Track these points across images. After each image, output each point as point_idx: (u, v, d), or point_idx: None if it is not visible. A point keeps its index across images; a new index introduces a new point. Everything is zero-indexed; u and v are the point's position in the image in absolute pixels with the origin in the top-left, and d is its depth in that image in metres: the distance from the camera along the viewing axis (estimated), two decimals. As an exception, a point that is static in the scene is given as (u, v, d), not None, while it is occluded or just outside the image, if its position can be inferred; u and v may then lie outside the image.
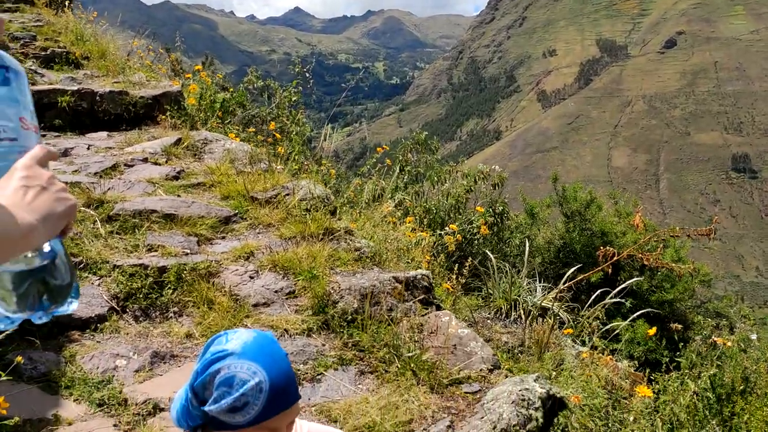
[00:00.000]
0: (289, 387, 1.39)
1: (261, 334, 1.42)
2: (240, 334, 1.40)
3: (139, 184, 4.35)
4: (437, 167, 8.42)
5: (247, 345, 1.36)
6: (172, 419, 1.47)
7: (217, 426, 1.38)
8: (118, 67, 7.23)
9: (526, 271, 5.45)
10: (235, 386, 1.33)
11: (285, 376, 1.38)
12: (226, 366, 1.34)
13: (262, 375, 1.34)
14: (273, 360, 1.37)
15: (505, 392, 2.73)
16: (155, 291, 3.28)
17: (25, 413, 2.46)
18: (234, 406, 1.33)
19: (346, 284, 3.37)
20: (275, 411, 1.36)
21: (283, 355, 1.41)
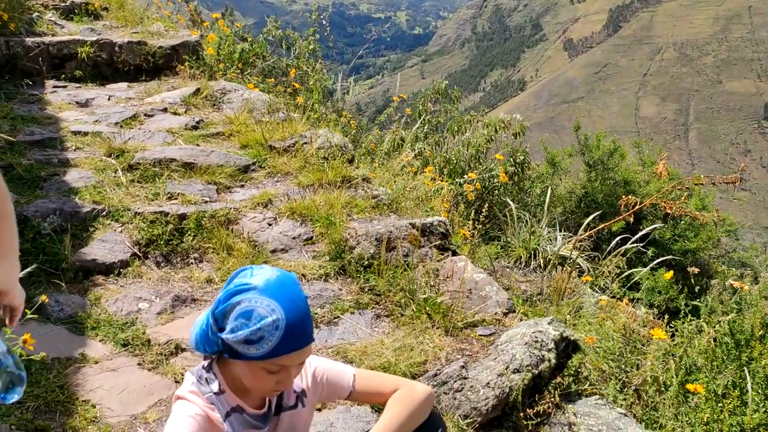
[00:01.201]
0: (304, 328, 1.43)
1: (285, 274, 1.46)
2: (265, 270, 1.44)
3: (159, 134, 4.40)
4: (458, 117, 8.33)
5: (270, 282, 1.41)
6: (191, 342, 1.54)
7: (232, 354, 1.44)
8: (137, 17, 7.20)
9: (546, 220, 5.43)
10: (253, 320, 1.38)
11: (301, 318, 1.42)
12: (246, 299, 1.39)
13: (280, 313, 1.38)
14: (292, 300, 1.41)
15: (518, 334, 2.77)
16: (176, 237, 3.35)
17: (54, 352, 2.57)
18: (249, 338, 1.39)
19: (362, 230, 3.41)
20: (288, 349, 1.41)
21: (303, 297, 1.45)
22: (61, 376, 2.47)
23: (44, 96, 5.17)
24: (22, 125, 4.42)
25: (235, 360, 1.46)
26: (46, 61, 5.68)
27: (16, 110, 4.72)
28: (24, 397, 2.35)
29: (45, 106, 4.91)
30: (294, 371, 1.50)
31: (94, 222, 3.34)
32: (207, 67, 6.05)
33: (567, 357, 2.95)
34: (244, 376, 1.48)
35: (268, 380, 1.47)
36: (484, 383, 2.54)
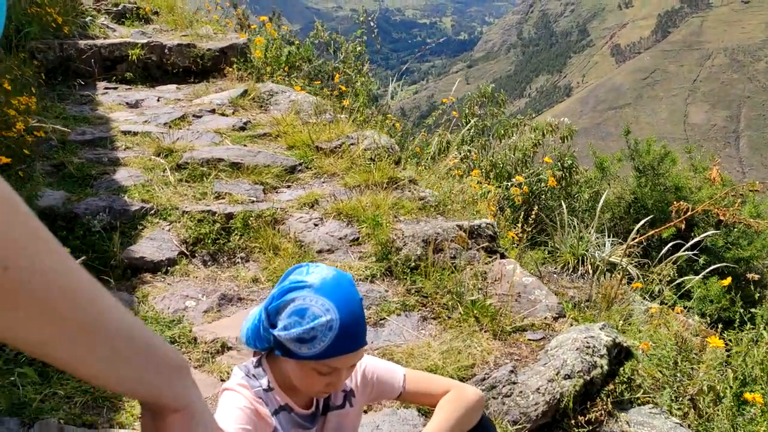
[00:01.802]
0: (358, 331, 1.39)
1: (341, 273, 1.42)
2: (321, 268, 1.40)
3: (207, 135, 4.44)
4: (504, 120, 8.22)
5: (326, 281, 1.37)
6: (241, 337, 1.51)
7: (284, 352, 1.40)
8: (186, 21, 7.33)
9: (595, 225, 5.28)
10: (307, 318, 1.34)
11: (356, 320, 1.38)
12: (301, 297, 1.35)
13: (335, 313, 1.34)
14: (347, 301, 1.37)
15: (569, 339, 2.67)
16: (223, 237, 3.36)
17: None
18: (302, 337, 1.35)
19: (409, 231, 3.35)
20: (340, 351, 1.37)
21: (358, 299, 1.41)
22: (109, 371, 2.48)
23: (96, 97, 5.28)
24: (74, 125, 4.52)
25: (285, 358, 1.42)
26: (98, 63, 5.81)
27: (69, 110, 4.83)
28: (72, 392, 2.37)
29: (96, 107, 5.01)
30: (345, 373, 1.45)
31: (142, 220, 3.37)
32: (254, 69, 6.10)
33: (619, 364, 2.84)
34: (294, 375, 1.44)
35: (318, 381, 1.43)
36: (534, 389, 2.46)
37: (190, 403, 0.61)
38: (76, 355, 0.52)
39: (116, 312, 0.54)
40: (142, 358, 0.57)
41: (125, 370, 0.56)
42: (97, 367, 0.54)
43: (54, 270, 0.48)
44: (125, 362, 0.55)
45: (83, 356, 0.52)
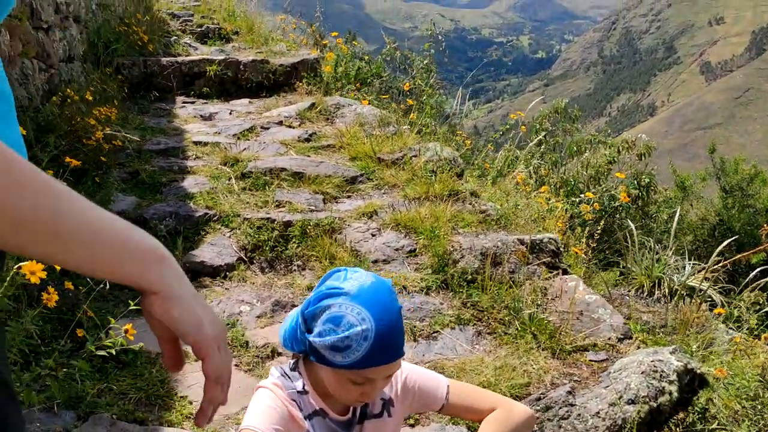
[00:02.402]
0: (394, 342, 1.34)
1: (380, 281, 1.37)
2: (360, 275, 1.36)
3: (273, 145, 4.52)
4: (578, 136, 7.99)
5: (363, 289, 1.32)
6: (279, 338, 1.49)
7: (318, 358, 1.36)
8: (263, 39, 7.56)
9: (673, 247, 5.01)
10: (342, 327, 1.30)
11: (393, 331, 1.33)
12: (337, 304, 1.31)
13: (370, 323, 1.30)
14: (385, 311, 1.32)
15: (635, 362, 2.52)
16: (281, 244, 3.39)
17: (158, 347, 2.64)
18: (336, 345, 1.31)
19: (467, 244, 3.27)
20: (375, 363, 1.32)
21: (396, 308, 1.36)
22: (162, 371, 2.53)
23: (173, 110, 5.51)
24: (151, 135, 4.72)
25: (320, 364, 1.39)
26: (178, 78, 6.06)
27: (147, 122, 5.06)
28: (127, 389, 2.43)
29: (173, 119, 5.22)
30: (380, 383, 1.40)
31: (205, 226, 3.46)
32: (323, 83, 6.20)
33: (692, 392, 2.64)
34: (328, 381, 1.41)
35: (352, 390, 1.38)
36: (594, 412, 2.32)
37: (165, 285, 0.70)
38: (54, 255, 0.62)
39: (90, 216, 0.64)
40: (117, 252, 0.66)
41: (102, 264, 0.65)
42: (75, 263, 0.64)
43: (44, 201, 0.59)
44: (102, 259, 0.65)
45: (62, 256, 0.62)
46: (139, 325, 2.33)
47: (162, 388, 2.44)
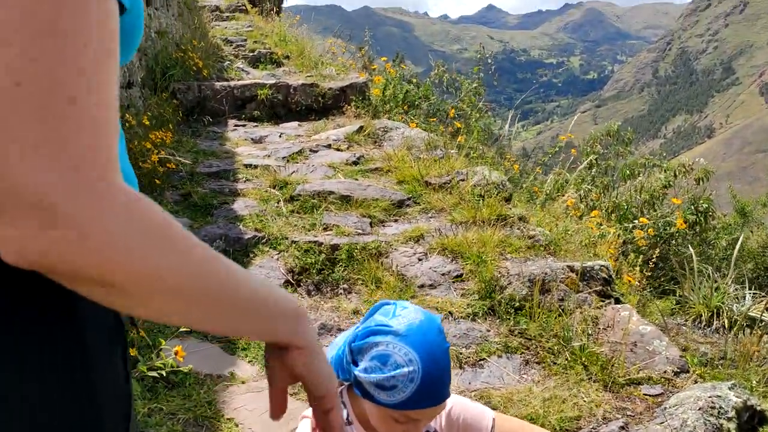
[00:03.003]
0: (441, 384, 1.32)
1: (429, 318, 1.36)
2: (409, 312, 1.35)
3: (321, 168, 4.57)
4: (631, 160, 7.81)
5: (412, 328, 1.31)
6: None
7: (362, 392, 1.35)
8: (313, 63, 7.70)
9: (733, 275, 4.81)
10: (388, 366, 1.29)
11: (440, 373, 1.31)
12: (385, 343, 1.30)
13: (418, 365, 1.28)
14: (433, 353, 1.31)
15: (691, 398, 2.41)
16: (327, 267, 3.40)
17: (206, 368, 2.68)
18: (382, 383, 1.30)
19: (515, 270, 3.22)
20: (420, 405, 1.30)
21: (445, 348, 1.34)
22: (210, 392, 2.56)
23: (225, 133, 5.64)
24: (203, 158, 4.84)
25: (364, 398, 1.37)
26: (230, 102, 6.22)
27: (200, 145, 5.19)
28: (176, 409, 2.47)
29: (224, 142, 5.34)
30: (424, 422, 1.38)
31: (254, 248, 3.50)
32: (372, 107, 6.25)
33: (752, 430, 2.51)
34: (371, 416, 1.39)
35: (394, 428, 1.36)
36: (647, 449, 2.23)
37: (310, 341, 0.72)
38: (206, 322, 0.61)
39: (242, 279, 0.63)
40: (272, 314, 0.68)
41: (256, 325, 0.67)
42: (226, 328, 0.65)
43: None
44: (256, 322, 0.67)
45: (215, 323, 0.62)
46: (187, 347, 2.37)
47: (210, 409, 2.46)
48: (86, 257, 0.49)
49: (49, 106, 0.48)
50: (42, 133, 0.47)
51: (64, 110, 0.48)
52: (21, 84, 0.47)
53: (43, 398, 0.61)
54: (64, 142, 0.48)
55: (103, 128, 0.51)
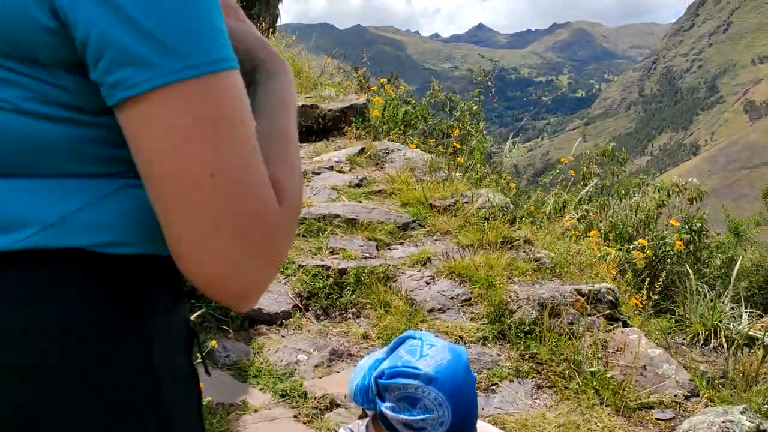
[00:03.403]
0: (470, 422, 1.33)
1: (456, 356, 1.36)
2: (437, 351, 1.34)
3: (325, 191, 4.58)
4: (625, 179, 7.89)
5: (441, 370, 1.31)
6: (348, 390, 1.48)
7: (388, 426, 1.35)
8: (311, 84, 7.73)
9: (730, 294, 4.86)
10: (418, 408, 1.29)
11: (469, 414, 1.32)
12: (414, 386, 1.30)
13: (447, 410, 1.29)
14: (462, 396, 1.31)
15: (704, 422, 2.42)
16: (335, 291, 3.40)
17: (218, 397, 2.66)
18: (410, 424, 1.30)
19: (524, 294, 3.24)
20: None
21: (472, 383, 1.35)
22: (223, 422, 2.54)
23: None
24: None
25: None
26: (232, 124, 6.22)
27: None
28: None
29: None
30: None
31: (261, 272, 3.49)
32: (372, 128, 6.29)
33: (764, 455, 2.53)
34: None
35: None
36: (663, 476, 2.24)
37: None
38: None
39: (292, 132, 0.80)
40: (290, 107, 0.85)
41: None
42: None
43: None
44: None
45: None
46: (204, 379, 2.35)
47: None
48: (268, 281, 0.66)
49: (240, 190, 0.61)
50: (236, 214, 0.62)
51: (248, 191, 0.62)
52: (215, 175, 0.59)
53: None
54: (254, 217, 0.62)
55: (265, 182, 0.65)
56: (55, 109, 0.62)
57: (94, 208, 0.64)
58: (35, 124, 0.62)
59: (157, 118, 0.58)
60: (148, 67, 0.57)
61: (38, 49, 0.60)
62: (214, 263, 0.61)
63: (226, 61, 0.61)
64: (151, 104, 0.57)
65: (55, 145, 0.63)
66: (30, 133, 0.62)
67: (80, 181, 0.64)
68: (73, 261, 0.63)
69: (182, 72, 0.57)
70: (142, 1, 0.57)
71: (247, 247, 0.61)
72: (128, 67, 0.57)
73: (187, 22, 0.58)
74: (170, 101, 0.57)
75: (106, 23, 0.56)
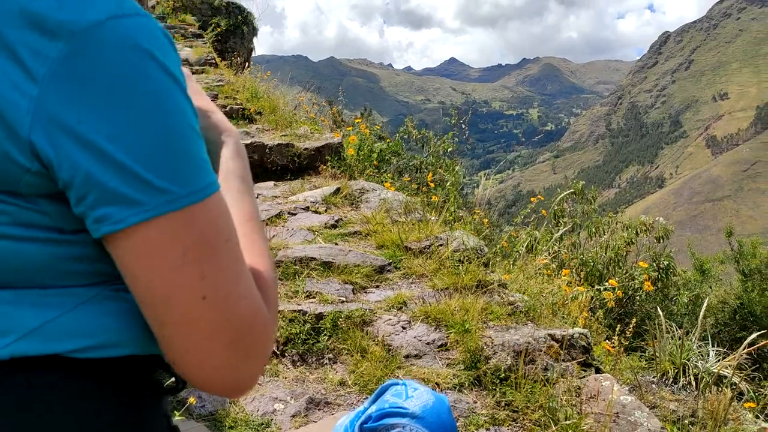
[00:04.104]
0: None
1: (439, 400, 1.41)
2: (421, 393, 1.40)
3: (300, 232, 4.59)
4: (595, 218, 8.06)
5: (427, 410, 1.36)
6: None
7: None
8: (286, 121, 7.78)
9: (698, 332, 4.97)
10: None
11: None
12: (401, 425, 1.34)
13: None
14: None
15: (676, 473, 2.47)
16: (312, 337, 3.40)
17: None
18: None
19: (499, 340, 3.27)
20: None
21: (454, 427, 1.39)
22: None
23: (201, 193, 5.60)
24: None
25: None
26: (206, 161, 6.20)
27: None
28: None
29: (201, 203, 5.31)
30: None
31: (237, 317, 3.47)
32: (347, 166, 6.34)
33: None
34: None
35: None
36: None
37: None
38: None
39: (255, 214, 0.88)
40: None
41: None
42: None
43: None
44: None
45: None
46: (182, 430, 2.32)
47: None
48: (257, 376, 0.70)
49: (230, 307, 0.65)
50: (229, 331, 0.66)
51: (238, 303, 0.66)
52: (206, 297, 0.63)
53: None
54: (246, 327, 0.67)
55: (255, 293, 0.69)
56: (35, 232, 0.64)
57: (72, 315, 0.65)
58: (16, 245, 0.64)
59: (141, 251, 0.60)
60: (131, 205, 0.59)
61: (19, 185, 0.61)
62: (209, 369, 0.65)
63: (207, 187, 0.63)
64: (135, 238, 0.60)
65: (35, 263, 0.64)
66: (10, 254, 0.64)
67: (59, 291, 0.66)
68: (52, 368, 0.64)
69: (164, 206, 0.60)
70: (123, 142, 0.59)
71: (241, 352, 0.65)
72: (112, 206, 0.59)
73: (167, 157, 0.60)
74: (153, 234, 0.60)
75: (89, 166, 0.58)
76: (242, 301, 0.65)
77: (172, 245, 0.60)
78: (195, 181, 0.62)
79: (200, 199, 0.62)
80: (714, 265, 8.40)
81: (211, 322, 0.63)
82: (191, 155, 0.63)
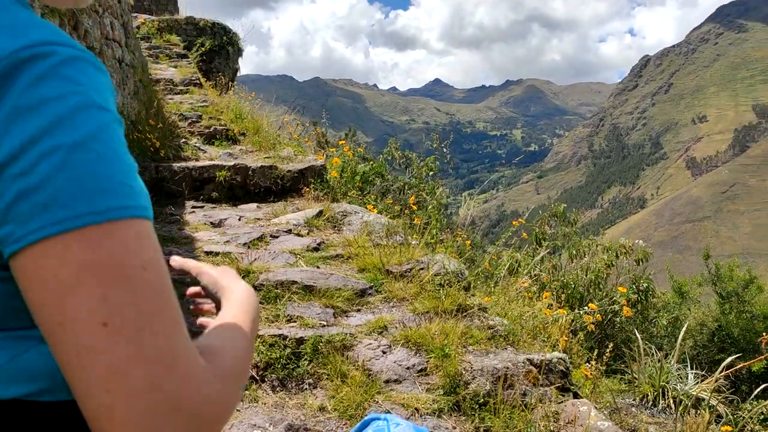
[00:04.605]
0: None
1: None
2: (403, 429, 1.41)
3: (282, 255, 4.60)
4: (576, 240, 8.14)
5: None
6: None
7: None
8: (270, 142, 7.81)
9: (677, 355, 5.02)
10: None
11: None
12: None
13: None
14: None
15: (651, 498, 2.49)
16: (292, 362, 3.40)
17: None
18: None
19: (478, 365, 3.30)
20: None
21: None
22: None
23: (183, 216, 5.61)
24: (162, 245, 4.78)
25: None
26: (188, 183, 6.22)
27: (159, 230, 5.14)
28: None
29: (183, 227, 5.31)
30: None
31: (217, 341, 3.46)
32: (330, 189, 6.37)
33: None
34: None
35: None
36: None
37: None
38: None
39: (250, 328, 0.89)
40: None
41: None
42: None
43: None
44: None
45: None
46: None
47: None
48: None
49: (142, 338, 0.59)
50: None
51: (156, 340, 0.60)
52: (107, 324, 0.57)
53: None
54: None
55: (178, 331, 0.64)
56: None
57: (21, 360, 0.66)
58: None
59: (37, 271, 0.57)
60: (28, 223, 0.57)
61: None
62: (121, 426, 0.56)
63: (119, 210, 0.60)
64: (33, 257, 0.57)
65: None
66: None
67: (8, 334, 0.66)
68: (7, 412, 0.65)
69: (60, 224, 0.57)
70: (28, 160, 0.58)
71: (162, 406, 0.57)
72: (11, 224, 0.58)
73: (71, 178, 0.58)
74: (50, 253, 0.57)
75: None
76: (162, 340, 0.58)
77: (68, 265, 0.57)
78: (100, 201, 0.58)
79: (104, 219, 0.58)
80: (692, 287, 8.51)
81: (116, 358, 0.56)
82: (101, 176, 0.59)
